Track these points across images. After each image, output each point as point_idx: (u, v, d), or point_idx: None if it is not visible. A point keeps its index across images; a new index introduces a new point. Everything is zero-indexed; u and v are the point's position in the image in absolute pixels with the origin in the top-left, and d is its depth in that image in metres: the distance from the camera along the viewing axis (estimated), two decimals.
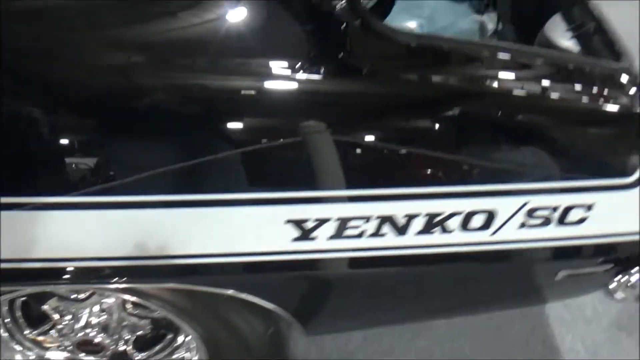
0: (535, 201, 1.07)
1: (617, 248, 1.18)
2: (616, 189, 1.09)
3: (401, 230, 1.05)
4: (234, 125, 0.97)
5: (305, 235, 1.02)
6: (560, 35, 1.43)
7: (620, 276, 1.25)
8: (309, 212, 1.01)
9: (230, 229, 1.01)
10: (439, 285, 1.24)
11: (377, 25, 1.03)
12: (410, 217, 1.04)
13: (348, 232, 1.04)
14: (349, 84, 1.03)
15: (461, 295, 1.31)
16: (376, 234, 1.05)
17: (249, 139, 0.98)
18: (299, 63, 0.97)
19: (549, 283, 1.26)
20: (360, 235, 1.04)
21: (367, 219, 1.03)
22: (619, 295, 1.27)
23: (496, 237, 1.08)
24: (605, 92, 1.07)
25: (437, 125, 1.02)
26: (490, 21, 1.64)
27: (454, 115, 1.02)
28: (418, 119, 1.04)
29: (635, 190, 1.09)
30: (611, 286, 1.27)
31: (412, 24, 1.59)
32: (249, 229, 1.02)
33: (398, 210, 1.03)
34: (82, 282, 1.09)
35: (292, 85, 0.97)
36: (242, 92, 0.97)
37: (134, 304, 1.35)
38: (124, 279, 1.06)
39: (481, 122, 1.05)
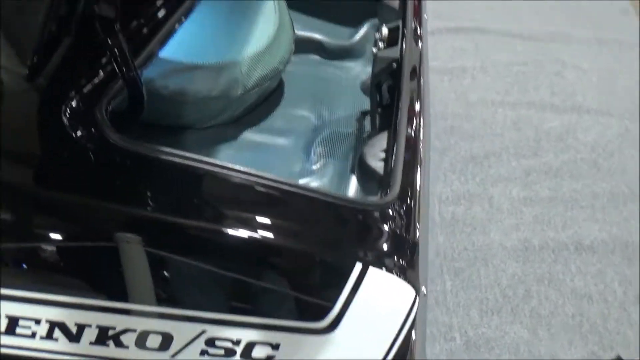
0: (213, 331, 1.04)
1: None
2: (303, 332, 1.04)
3: (74, 337, 1.05)
4: None
5: None
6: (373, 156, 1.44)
7: None
8: None
9: None
10: None
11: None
12: (81, 326, 1.04)
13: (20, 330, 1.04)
14: None
15: None
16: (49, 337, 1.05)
17: None
18: None
19: None
20: (32, 336, 1.05)
21: (37, 321, 1.04)
22: None
23: None
24: None
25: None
26: None
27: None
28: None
29: (329, 337, 1.04)
30: None
31: None
32: None
33: (69, 317, 1.03)
34: None
35: None
36: None
37: None
38: None
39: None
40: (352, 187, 1.56)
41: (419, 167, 1.32)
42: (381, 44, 1.68)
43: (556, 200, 2.49)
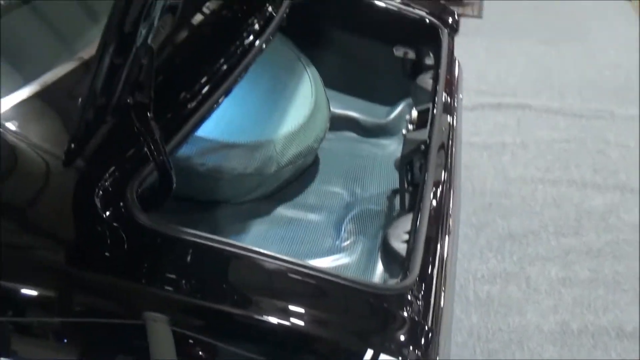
0: None
1: None
2: None
3: None
4: None
5: None
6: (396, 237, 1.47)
7: None
8: None
9: None
10: None
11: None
12: None
13: None
14: None
15: None
16: None
17: None
18: None
19: None
20: None
21: None
22: None
23: None
24: None
25: None
26: None
27: None
28: None
29: None
30: None
31: None
32: None
33: None
34: None
35: None
36: None
37: None
38: None
39: None
40: (379, 268, 1.58)
41: (443, 248, 1.32)
42: (411, 126, 1.72)
43: (597, 282, 2.42)
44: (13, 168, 1.13)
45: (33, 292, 1.09)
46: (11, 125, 1.14)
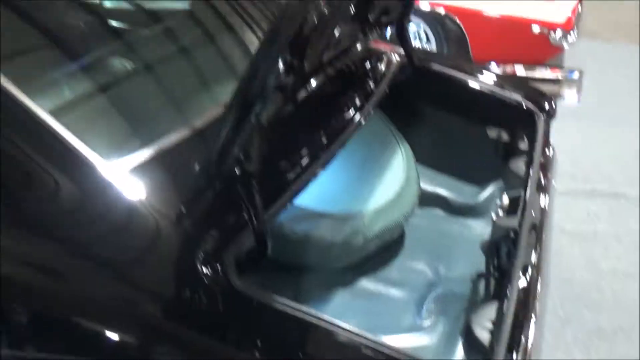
0: None
1: None
2: None
3: None
4: None
5: None
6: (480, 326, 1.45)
7: None
8: None
9: None
10: None
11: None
12: None
13: None
14: None
15: None
16: None
17: None
18: None
19: None
20: None
21: None
22: None
23: None
24: None
25: None
26: None
27: None
28: None
29: None
30: None
31: None
32: None
33: None
34: None
35: None
36: None
37: None
38: None
39: None
40: (459, 353, 1.55)
41: (528, 339, 1.29)
42: (501, 211, 1.71)
43: None
44: (127, 222, 1.22)
45: (126, 339, 1.15)
46: (128, 184, 1.23)
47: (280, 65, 1.14)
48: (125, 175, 1.23)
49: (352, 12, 1.68)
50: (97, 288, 1.14)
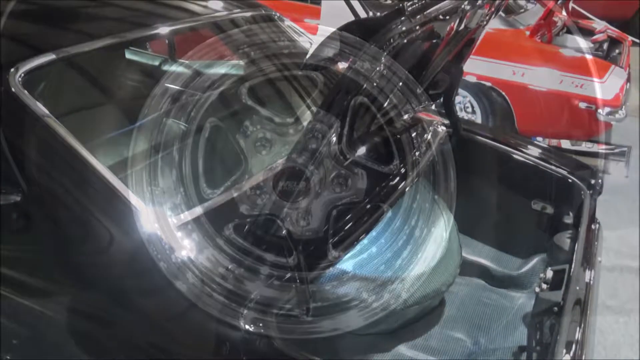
0: None
1: None
2: None
3: None
4: None
5: None
6: None
7: None
8: None
9: None
10: None
11: None
12: None
13: None
14: None
15: None
16: None
17: None
18: None
19: None
20: None
21: None
22: None
23: None
24: None
25: None
26: None
27: None
28: None
29: None
30: None
31: None
32: None
33: None
34: None
35: None
36: None
37: None
38: None
39: None
40: None
41: None
42: (545, 285, 1.71)
43: None
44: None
45: None
46: (178, 241, 1.29)
47: (332, 134, 1.19)
48: (175, 232, 1.29)
49: (402, 84, 1.75)
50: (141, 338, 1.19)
